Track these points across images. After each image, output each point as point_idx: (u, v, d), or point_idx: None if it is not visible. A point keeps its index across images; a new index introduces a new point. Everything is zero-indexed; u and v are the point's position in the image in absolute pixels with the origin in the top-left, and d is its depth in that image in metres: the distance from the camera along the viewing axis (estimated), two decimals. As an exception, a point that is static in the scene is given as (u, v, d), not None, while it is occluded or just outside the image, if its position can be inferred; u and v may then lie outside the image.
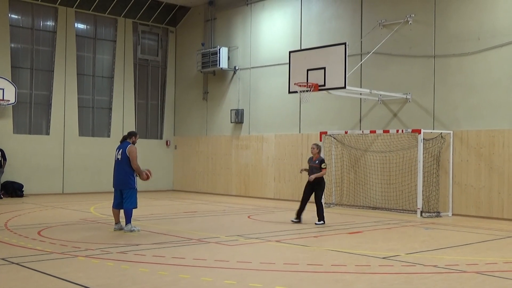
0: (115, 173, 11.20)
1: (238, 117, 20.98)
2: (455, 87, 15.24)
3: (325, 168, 12.77)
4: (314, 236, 10.91)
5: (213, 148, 22.25)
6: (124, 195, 11.02)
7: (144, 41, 23.53)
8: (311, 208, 12.57)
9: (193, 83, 23.24)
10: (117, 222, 11.23)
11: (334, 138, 17.49)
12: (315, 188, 12.72)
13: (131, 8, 22.42)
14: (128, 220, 11.00)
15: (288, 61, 15.90)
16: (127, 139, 11.26)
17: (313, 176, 12.63)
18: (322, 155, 14.00)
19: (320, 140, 16.99)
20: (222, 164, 21.84)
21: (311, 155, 13.04)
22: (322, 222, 12.61)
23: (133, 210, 11.12)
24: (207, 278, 7.03)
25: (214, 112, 22.30)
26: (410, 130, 15.12)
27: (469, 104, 14.96)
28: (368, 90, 15.89)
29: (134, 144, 11.22)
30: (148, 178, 11.27)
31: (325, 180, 13.10)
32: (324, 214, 12.77)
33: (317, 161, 12.74)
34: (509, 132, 14.11)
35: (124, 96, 22.60)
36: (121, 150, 11.12)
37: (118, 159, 11.13)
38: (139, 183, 11.43)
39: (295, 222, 12.74)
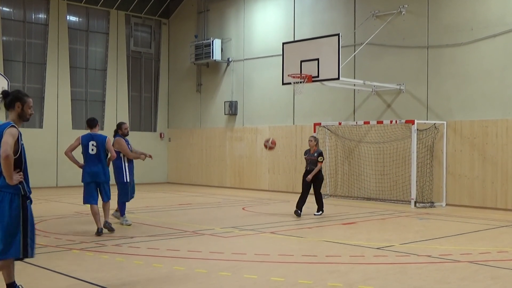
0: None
1: (232, 109, 20.93)
2: (449, 78, 15.26)
3: (321, 161, 12.60)
4: (308, 228, 10.94)
5: (207, 140, 22.22)
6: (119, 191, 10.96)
7: (137, 33, 23.41)
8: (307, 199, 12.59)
9: (186, 75, 23.17)
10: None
11: (328, 129, 17.50)
12: (313, 182, 12.63)
13: (124, 0, 22.29)
14: (122, 212, 10.97)
15: (281, 53, 15.88)
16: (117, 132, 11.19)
17: (309, 177, 12.48)
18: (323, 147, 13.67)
19: (314, 132, 17.00)
20: (216, 156, 21.82)
21: (308, 148, 12.97)
22: (320, 212, 12.69)
23: (126, 202, 11.07)
24: (202, 270, 7.04)
25: (208, 104, 22.25)
26: (403, 121, 15.14)
27: (463, 95, 14.99)
28: (361, 81, 15.89)
29: (123, 135, 11.04)
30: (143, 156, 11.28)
31: (322, 172, 13.00)
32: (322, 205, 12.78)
33: (315, 154, 12.62)
34: (502, 122, 14.16)
35: (117, 88, 22.50)
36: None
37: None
38: (136, 174, 11.45)
39: (298, 214, 12.43)
